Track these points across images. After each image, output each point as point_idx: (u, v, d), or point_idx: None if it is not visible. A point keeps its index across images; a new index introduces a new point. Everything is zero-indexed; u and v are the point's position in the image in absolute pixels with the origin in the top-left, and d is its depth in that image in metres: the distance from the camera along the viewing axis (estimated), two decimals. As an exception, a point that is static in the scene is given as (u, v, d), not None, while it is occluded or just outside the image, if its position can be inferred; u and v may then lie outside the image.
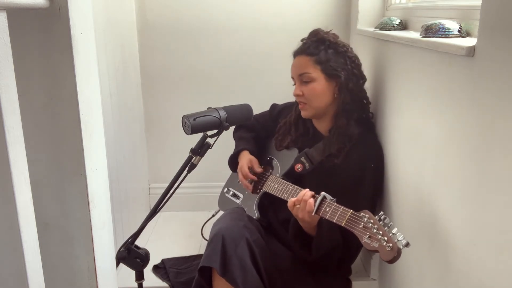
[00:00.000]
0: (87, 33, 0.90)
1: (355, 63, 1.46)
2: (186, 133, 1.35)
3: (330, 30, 1.50)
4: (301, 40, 1.51)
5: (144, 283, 1.39)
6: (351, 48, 1.48)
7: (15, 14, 0.79)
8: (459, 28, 1.07)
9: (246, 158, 1.61)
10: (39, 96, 0.88)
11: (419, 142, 1.17)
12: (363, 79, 1.50)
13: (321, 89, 1.43)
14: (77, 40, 0.86)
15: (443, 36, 1.07)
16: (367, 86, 1.52)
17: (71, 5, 0.84)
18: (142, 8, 2.18)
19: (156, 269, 1.83)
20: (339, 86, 1.43)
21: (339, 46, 1.44)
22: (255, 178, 1.57)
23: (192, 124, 1.32)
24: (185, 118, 1.34)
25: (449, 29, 1.07)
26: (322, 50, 1.43)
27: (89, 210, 0.93)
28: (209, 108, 1.40)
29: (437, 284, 1.05)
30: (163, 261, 1.87)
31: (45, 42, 0.85)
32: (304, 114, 1.49)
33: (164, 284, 1.74)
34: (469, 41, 0.92)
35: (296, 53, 1.48)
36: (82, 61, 0.88)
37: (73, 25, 0.85)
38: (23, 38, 0.85)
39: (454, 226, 0.96)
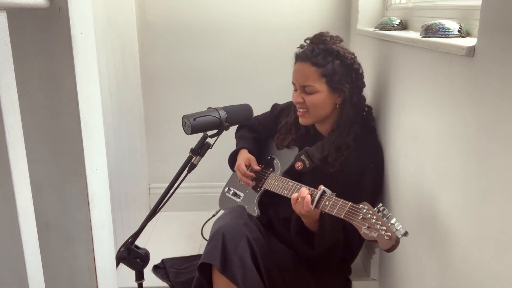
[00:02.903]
0: (87, 33, 0.90)
1: (359, 74, 1.44)
2: (186, 133, 1.36)
3: (335, 36, 1.46)
4: (305, 41, 1.46)
5: (144, 283, 1.39)
6: (356, 57, 1.45)
7: (15, 14, 0.79)
8: (459, 28, 1.07)
9: (244, 156, 1.61)
10: (39, 96, 0.88)
11: (419, 142, 1.17)
12: (363, 86, 1.48)
13: (323, 100, 1.41)
14: (77, 40, 0.86)
15: (443, 36, 1.07)
16: (367, 86, 1.52)
17: (71, 5, 0.84)
18: (142, 8, 2.18)
19: (156, 269, 1.83)
20: (343, 99, 1.42)
21: (346, 58, 1.41)
22: (253, 175, 1.57)
23: (192, 124, 1.32)
24: (185, 118, 1.34)
25: (449, 29, 1.07)
26: (330, 62, 1.39)
27: (89, 210, 0.93)
28: (209, 108, 1.41)
29: (437, 284, 1.05)
30: (163, 261, 1.87)
31: (45, 42, 0.85)
32: (302, 121, 1.48)
33: (164, 284, 1.74)
34: (469, 41, 0.92)
35: (301, 59, 1.42)
36: (82, 61, 0.88)
37: (73, 25, 0.85)
38: (23, 38, 0.85)
39: (454, 225, 0.96)
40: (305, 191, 1.25)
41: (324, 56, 1.39)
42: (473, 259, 0.87)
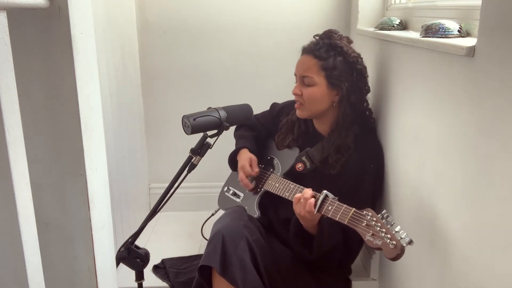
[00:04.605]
0: (87, 33, 0.90)
1: (361, 75, 1.43)
2: (186, 133, 1.36)
3: (345, 36, 1.47)
4: (314, 37, 1.48)
5: (144, 283, 1.39)
6: (362, 59, 1.45)
7: (15, 14, 0.79)
8: (459, 28, 1.07)
9: (246, 156, 1.59)
10: (39, 96, 0.88)
11: (419, 142, 1.17)
12: (367, 91, 1.48)
13: (320, 94, 1.41)
14: (77, 40, 0.86)
15: (443, 36, 1.07)
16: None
17: (71, 5, 0.84)
18: (142, 8, 2.18)
19: (156, 269, 1.83)
20: (340, 97, 1.42)
21: (349, 56, 1.41)
22: (256, 174, 1.56)
23: (192, 124, 1.32)
24: (185, 118, 1.34)
25: (449, 29, 1.07)
26: (332, 56, 1.40)
27: (89, 210, 0.93)
28: (209, 108, 1.41)
29: (437, 284, 1.05)
30: (163, 261, 1.87)
31: (45, 42, 0.85)
32: (298, 113, 1.49)
33: (164, 284, 1.74)
34: (469, 41, 0.92)
35: (305, 51, 1.45)
36: (82, 61, 0.88)
37: (73, 25, 0.85)
38: (23, 38, 0.85)
39: (454, 226, 0.96)
40: (309, 192, 1.24)
41: (327, 50, 1.40)
42: (473, 259, 0.87)
